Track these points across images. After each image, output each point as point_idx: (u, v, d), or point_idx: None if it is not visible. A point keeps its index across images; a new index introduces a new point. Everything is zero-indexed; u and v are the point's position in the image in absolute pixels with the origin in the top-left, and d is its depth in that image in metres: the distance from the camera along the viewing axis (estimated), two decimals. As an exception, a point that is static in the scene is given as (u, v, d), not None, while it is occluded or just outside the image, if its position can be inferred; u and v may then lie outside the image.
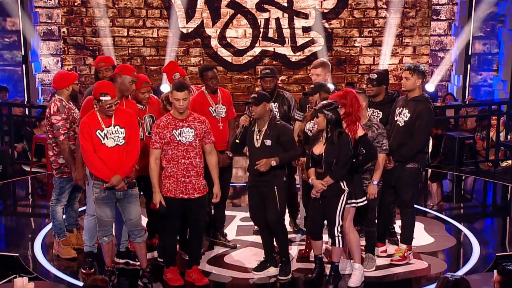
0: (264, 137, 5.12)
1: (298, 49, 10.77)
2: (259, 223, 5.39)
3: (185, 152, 5.00)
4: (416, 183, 5.69)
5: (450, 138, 9.28)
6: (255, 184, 5.24)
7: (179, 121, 5.01)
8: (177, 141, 4.98)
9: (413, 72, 5.44)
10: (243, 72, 10.81)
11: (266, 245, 5.42)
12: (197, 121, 5.06)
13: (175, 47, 10.69)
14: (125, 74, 5.29)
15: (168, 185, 5.04)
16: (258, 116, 5.15)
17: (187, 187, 5.03)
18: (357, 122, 5.08)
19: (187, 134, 5.00)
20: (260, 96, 5.17)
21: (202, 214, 5.23)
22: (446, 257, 5.97)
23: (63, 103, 5.51)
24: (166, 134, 4.98)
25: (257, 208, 5.29)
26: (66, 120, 5.47)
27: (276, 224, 5.24)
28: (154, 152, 5.02)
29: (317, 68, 5.87)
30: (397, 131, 5.49)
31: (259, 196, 5.24)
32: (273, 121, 5.18)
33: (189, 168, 5.01)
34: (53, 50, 10.94)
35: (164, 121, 5.02)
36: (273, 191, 5.15)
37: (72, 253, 5.72)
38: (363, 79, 10.63)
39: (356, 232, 5.25)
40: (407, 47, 10.82)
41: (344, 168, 4.97)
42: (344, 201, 5.03)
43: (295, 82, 10.82)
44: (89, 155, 4.90)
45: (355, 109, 5.07)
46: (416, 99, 5.47)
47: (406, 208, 5.60)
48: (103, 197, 4.97)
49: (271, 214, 5.20)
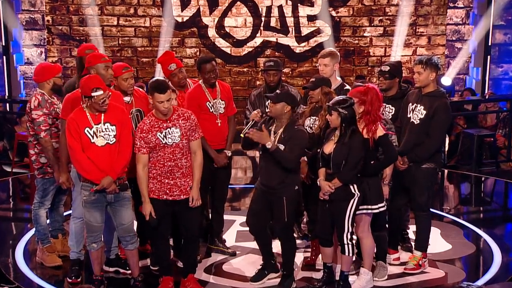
0: (278, 141, 5.07)
1: (303, 39, 10.78)
2: (254, 232, 5.35)
3: (171, 154, 4.97)
4: (432, 184, 5.69)
5: (468, 136, 9.27)
6: (263, 190, 5.21)
7: (163, 122, 4.96)
8: (162, 144, 4.95)
9: (426, 66, 5.43)
10: (243, 64, 10.83)
11: (263, 250, 5.40)
12: (181, 119, 5.01)
13: (169, 37, 10.71)
14: (95, 63, 5.30)
15: (151, 185, 5.02)
16: (273, 115, 5.12)
17: (172, 189, 5.01)
18: (376, 122, 5.07)
19: (173, 135, 4.96)
20: (283, 95, 5.10)
21: (194, 218, 5.17)
22: (464, 265, 5.98)
23: (45, 97, 5.51)
24: (151, 139, 4.94)
25: (258, 216, 5.26)
26: (48, 115, 5.48)
27: (282, 236, 5.25)
28: (141, 158, 4.98)
29: (325, 57, 5.86)
30: (412, 129, 5.48)
31: (266, 202, 5.20)
32: (291, 125, 5.10)
33: (174, 170, 5.00)
34: (36, 40, 10.94)
35: (147, 124, 4.98)
36: (281, 201, 5.11)
37: (57, 261, 5.72)
38: (374, 72, 10.65)
39: (371, 239, 5.24)
40: (421, 37, 10.83)
41: (353, 170, 4.96)
42: (355, 206, 5.02)
43: (299, 76, 10.84)
44: (77, 155, 4.90)
45: (375, 107, 5.06)
46: (432, 95, 5.47)
47: (421, 211, 5.60)
48: (92, 201, 4.97)
49: (277, 225, 5.21)
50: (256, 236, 5.37)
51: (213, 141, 5.70)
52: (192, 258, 5.30)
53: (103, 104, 4.88)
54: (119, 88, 5.46)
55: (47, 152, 5.46)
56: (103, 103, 4.87)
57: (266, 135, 5.03)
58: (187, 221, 5.14)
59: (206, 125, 5.53)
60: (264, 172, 5.19)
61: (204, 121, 5.55)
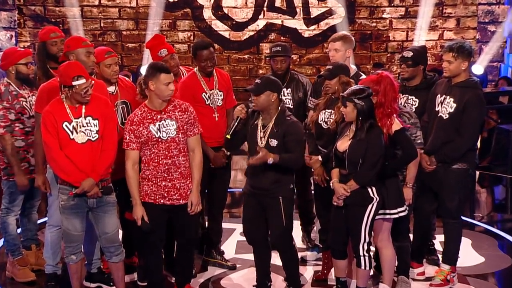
0: (269, 136, 5.10)
1: (312, 22, 10.80)
2: (254, 241, 5.36)
3: (166, 150, 4.99)
4: (463, 187, 5.65)
5: (503, 132, 9.27)
6: (253, 193, 5.23)
7: (157, 113, 4.99)
8: (156, 138, 4.97)
9: (457, 54, 5.42)
10: (243, 50, 10.85)
11: (259, 266, 5.37)
12: (178, 110, 5.04)
13: (158, 20, 10.73)
14: (75, 48, 5.30)
15: (146, 188, 5.04)
16: (259, 108, 5.13)
17: (170, 192, 5.03)
18: (391, 115, 5.07)
19: (167, 128, 4.98)
20: (264, 83, 5.11)
21: (192, 223, 5.19)
22: (499, 280, 5.99)
23: (10, 88, 5.53)
24: (143, 132, 4.96)
25: (254, 222, 5.26)
26: (10, 109, 5.49)
27: (281, 243, 5.23)
28: (130, 155, 5.00)
29: (337, 41, 5.86)
30: (440, 125, 5.48)
31: (258, 206, 5.22)
32: (281, 116, 5.12)
33: (171, 170, 5.01)
34: (5, 22, 10.96)
35: (138, 116, 5.00)
36: (277, 202, 5.13)
37: (30, 276, 5.71)
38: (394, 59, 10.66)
39: (392, 249, 5.24)
40: (449, 19, 10.84)
41: (372, 170, 4.96)
42: (373, 212, 5.02)
43: (308, 64, 10.86)
44: (54, 153, 4.89)
45: (389, 99, 5.06)
46: (463, 85, 5.47)
47: (451, 219, 5.59)
48: (71, 206, 4.97)
49: (274, 231, 5.19)
50: (255, 246, 5.37)
51: (210, 137, 5.70)
52: (188, 268, 5.31)
53: (85, 95, 4.88)
54: (101, 76, 5.46)
55: (6, 150, 5.48)
56: (85, 93, 4.87)
57: (266, 153, 5.01)
58: (184, 227, 5.15)
59: (202, 120, 5.51)
60: (253, 173, 5.17)
61: (200, 114, 5.53)
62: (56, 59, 5.57)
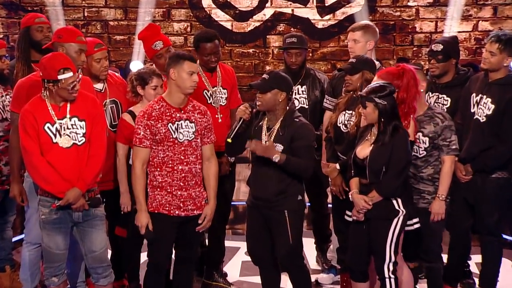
0: (275, 140, 5.12)
1: (327, 11, 10.81)
2: (260, 261, 5.39)
3: (182, 155, 5.02)
4: (504, 200, 5.65)
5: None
6: (256, 204, 5.26)
7: (176, 110, 5.02)
8: (172, 139, 5.00)
9: (504, 47, 5.41)
10: (247, 44, 10.85)
11: None
12: (197, 112, 5.08)
13: (150, 8, 10.74)
14: (67, 41, 5.30)
15: (159, 198, 5.05)
16: (264, 108, 5.16)
17: (186, 202, 5.06)
18: (409, 115, 5.11)
19: (186, 130, 5.02)
20: (272, 79, 5.13)
21: (198, 235, 5.24)
22: (544, 308, 6.01)
23: None
24: (160, 129, 4.98)
25: (258, 239, 5.29)
26: None
27: (288, 263, 5.25)
28: (141, 153, 5.02)
29: (356, 30, 5.89)
30: (477, 129, 5.50)
31: (262, 221, 5.24)
32: (289, 118, 5.14)
33: (188, 178, 5.04)
34: (-25, 11, 11.02)
35: (157, 110, 5.00)
36: (283, 216, 5.15)
37: (4, 301, 5.77)
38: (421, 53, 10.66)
39: (407, 269, 5.26)
40: (485, 7, 10.85)
41: (397, 178, 4.99)
42: (399, 227, 5.04)
43: (322, 58, 10.86)
44: (34, 159, 4.90)
45: (411, 95, 5.09)
46: (502, 82, 5.48)
47: (490, 235, 5.61)
48: (54, 220, 4.98)
49: (280, 250, 5.21)
50: (262, 266, 5.40)
51: (212, 141, 5.74)
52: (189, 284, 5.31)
53: (72, 91, 4.89)
54: (88, 72, 5.49)
55: None
56: (72, 88, 4.89)
57: (272, 147, 5.05)
58: (190, 240, 5.18)
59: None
60: (257, 182, 5.22)
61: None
62: (39, 48, 5.57)
